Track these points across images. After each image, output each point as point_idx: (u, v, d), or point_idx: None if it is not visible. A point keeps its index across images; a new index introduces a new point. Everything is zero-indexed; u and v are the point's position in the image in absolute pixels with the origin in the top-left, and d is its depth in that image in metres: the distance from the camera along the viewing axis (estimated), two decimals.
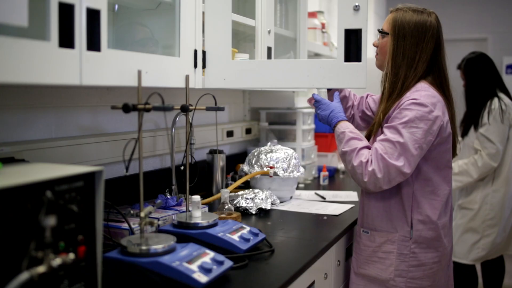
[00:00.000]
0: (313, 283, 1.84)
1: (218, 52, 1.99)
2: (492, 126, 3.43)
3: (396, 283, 2.01)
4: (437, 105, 1.94)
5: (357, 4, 1.80)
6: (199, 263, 1.42)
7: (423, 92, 1.94)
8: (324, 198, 2.73)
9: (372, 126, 2.09)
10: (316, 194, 2.83)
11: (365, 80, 1.83)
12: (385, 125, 1.96)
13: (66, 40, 1.28)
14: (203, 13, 1.97)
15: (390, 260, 2.02)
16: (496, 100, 3.48)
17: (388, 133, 1.92)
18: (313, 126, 3.42)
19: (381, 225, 2.04)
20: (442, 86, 2.03)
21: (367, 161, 1.91)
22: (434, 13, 2.04)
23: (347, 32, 1.83)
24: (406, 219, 2.00)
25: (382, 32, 2.06)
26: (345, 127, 2.03)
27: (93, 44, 1.37)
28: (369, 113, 2.34)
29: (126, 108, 1.42)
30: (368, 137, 2.09)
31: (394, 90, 2.00)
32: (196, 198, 1.76)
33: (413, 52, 1.98)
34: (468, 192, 3.62)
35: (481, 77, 3.55)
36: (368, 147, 1.97)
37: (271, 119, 3.36)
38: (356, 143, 1.97)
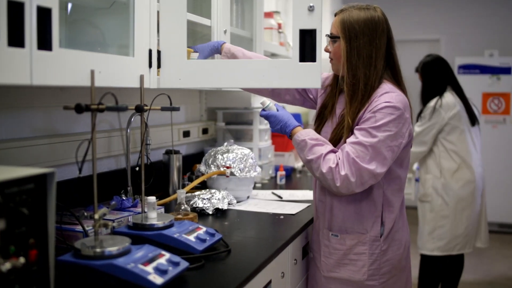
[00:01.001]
0: (269, 282, 1.85)
1: (173, 52, 1.98)
2: (422, 118, 3.73)
3: (370, 282, 2.03)
4: (407, 108, 1.95)
5: (311, 4, 1.81)
6: (155, 264, 1.41)
7: (393, 94, 1.93)
8: (281, 198, 2.74)
9: (339, 129, 2.04)
10: (273, 193, 2.84)
11: (320, 80, 1.84)
12: (357, 127, 1.94)
13: (16, 39, 1.25)
14: (158, 12, 1.96)
15: (363, 261, 2.02)
16: (435, 99, 3.70)
17: (359, 136, 1.90)
18: (269, 126, 3.43)
19: (352, 227, 2.04)
20: (398, 80, 2.04)
21: (336, 165, 1.90)
22: (379, 7, 2.03)
23: (302, 32, 1.84)
24: (377, 219, 2.02)
25: (332, 37, 2.04)
26: (305, 135, 2.00)
27: (44, 43, 1.34)
28: (311, 95, 2.34)
29: (79, 109, 1.40)
30: (337, 140, 2.04)
31: (356, 92, 1.97)
32: (152, 199, 1.74)
33: (368, 50, 1.96)
34: (424, 185, 3.80)
35: (436, 78, 3.73)
36: (333, 151, 1.96)
37: (228, 119, 3.36)
38: (320, 149, 1.95)
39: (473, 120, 3.77)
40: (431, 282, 3.90)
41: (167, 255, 1.49)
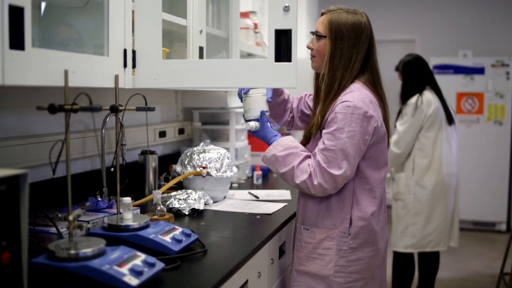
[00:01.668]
0: (246, 282, 1.85)
1: (148, 52, 1.97)
2: (403, 116, 3.76)
3: (335, 279, 2.05)
4: (371, 106, 1.99)
5: (287, 4, 1.81)
6: (130, 266, 1.40)
7: (356, 93, 1.98)
8: (258, 198, 2.74)
9: (310, 128, 2.09)
10: (250, 193, 2.84)
11: (296, 80, 1.85)
12: (323, 131, 1.99)
13: None
14: (133, 11, 1.94)
15: (330, 256, 2.05)
16: (415, 96, 3.75)
17: (326, 141, 1.96)
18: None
19: (322, 222, 2.08)
20: (375, 84, 2.09)
21: (309, 175, 1.97)
22: (365, 13, 2.09)
23: (277, 32, 1.85)
24: (345, 215, 2.05)
25: (318, 35, 2.07)
26: (273, 149, 2.07)
27: (17, 42, 1.33)
28: (307, 112, 2.38)
29: (52, 109, 1.38)
30: (307, 139, 2.11)
31: (330, 91, 2.03)
32: (127, 200, 1.73)
33: (350, 53, 2.02)
34: (397, 184, 3.84)
35: (416, 77, 3.82)
36: (307, 157, 2.01)
37: (204, 119, 3.35)
38: (291, 160, 2.01)
39: (450, 119, 3.83)
40: (404, 280, 3.94)
41: (142, 256, 1.48)
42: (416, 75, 3.83)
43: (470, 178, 6.47)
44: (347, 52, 2.02)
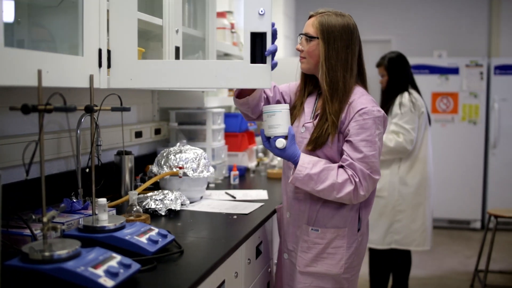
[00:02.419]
0: (223, 282, 1.85)
1: (123, 52, 1.95)
2: (405, 115, 3.71)
3: (344, 275, 2.11)
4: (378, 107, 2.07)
5: (262, 9, 1.83)
6: (105, 267, 1.39)
7: (368, 97, 2.07)
8: (234, 198, 2.74)
9: (325, 128, 2.05)
10: (227, 193, 2.84)
11: (270, 81, 1.88)
12: (355, 138, 1.98)
13: None
14: (108, 11, 1.93)
15: (340, 255, 2.10)
16: (406, 94, 3.76)
17: (364, 149, 1.98)
18: (223, 125, 3.43)
19: (331, 222, 2.11)
20: (365, 85, 2.16)
21: (355, 187, 1.97)
22: (351, 16, 2.15)
23: (253, 35, 1.86)
24: (355, 213, 2.12)
25: (310, 37, 2.09)
26: (304, 168, 1.99)
27: None
28: (281, 101, 2.35)
29: (25, 109, 1.36)
30: (324, 138, 2.05)
31: (336, 91, 2.05)
32: (102, 201, 1.71)
33: (345, 54, 2.06)
34: (380, 180, 3.77)
35: (401, 74, 3.84)
36: (340, 167, 2.01)
37: (180, 119, 3.34)
38: (326, 175, 1.98)
39: (429, 119, 3.88)
40: (383, 277, 3.96)
41: (118, 257, 1.47)
42: (402, 72, 3.86)
43: (445, 177, 6.55)
44: (342, 53, 2.06)
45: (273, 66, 1.94)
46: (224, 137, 3.48)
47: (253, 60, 1.86)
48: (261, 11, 1.82)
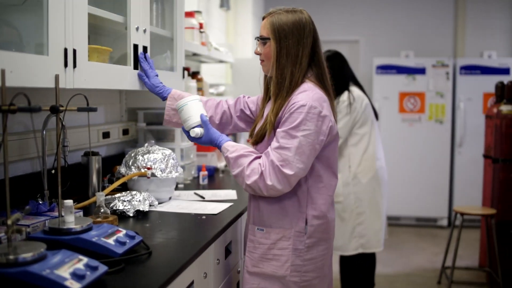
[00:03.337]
0: (192, 283, 1.84)
1: (90, 52, 1.93)
2: (337, 116, 3.66)
3: (291, 278, 2.05)
4: (325, 105, 2.02)
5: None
6: (72, 270, 1.37)
7: (310, 93, 2.00)
8: (203, 198, 2.73)
9: (264, 126, 2.08)
10: (196, 194, 2.83)
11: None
12: (278, 130, 1.99)
13: None
14: (74, 10, 1.90)
15: (286, 256, 2.05)
16: (346, 93, 3.71)
17: (281, 139, 1.96)
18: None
19: (277, 222, 2.07)
20: (322, 77, 2.12)
21: (261, 175, 1.95)
22: (305, 10, 2.12)
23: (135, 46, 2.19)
24: (301, 215, 2.06)
25: (263, 39, 2.10)
26: (226, 150, 2.06)
27: None
28: (247, 112, 2.38)
29: None
30: (261, 138, 2.09)
31: (281, 89, 2.05)
32: (69, 202, 1.69)
33: (296, 50, 2.04)
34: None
35: (341, 73, 3.77)
36: (257, 157, 2.01)
37: (149, 119, 3.31)
38: (242, 161, 2.01)
39: (376, 114, 3.86)
40: (353, 281, 3.95)
41: (84, 259, 1.45)
42: (341, 70, 3.78)
43: (413, 176, 6.64)
44: (293, 49, 2.04)
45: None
46: None
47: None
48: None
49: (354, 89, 3.76)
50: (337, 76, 3.72)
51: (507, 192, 4.38)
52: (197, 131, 2.13)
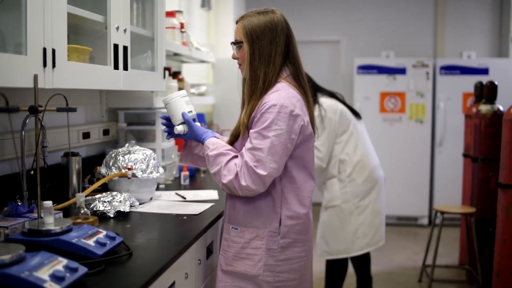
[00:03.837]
0: (173, 283, 1.84)
1: (69, 51, 1.92)
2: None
3: (265, 278, 2.05)
4: (297, 104, 2.02)
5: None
6: (51, 271, 1.36)
7: (282, 93, 2.01)
8: (185, 198, 2.73)
9: (238, 127, 2.10)
10: (177, 194, 2.82)
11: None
12: (251, 130, 2.00)
13: None
14: (53, 10, 1.88)
15: (259, 256, 2.05)
16: (316, 108, 3.60)
17: (253, 140, 1.97)
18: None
19: (251, 221, 2.08)
20: (298, 75, 2.12)
21: (236, 175, 1.96)
22: (277, 10, 2.12)
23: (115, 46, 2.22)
24: (275, 215, 2.06)
25: (236, 43, 2.11)
26: (207, 148, 2.07)
27: None
28: None
29: None
30: (236, 138, 2.11)
31: (255, 90, 2.06)
32: (48, 203, 1.68)
33: (269, 50, 2.05)
34: (329, 190, 3.72)
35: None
36: (235, 157, 2.02)
37: (129, 119, 3.29)
38: (220, 160, 2.01)
39: (356, 114, 3.81)
40: (338, 283, 3.93)
41: (64, 261, 1.44)
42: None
43: (393, 175, 6.68)
44: (266, 49, 2.05)
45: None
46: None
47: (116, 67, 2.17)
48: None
49: (324, 100, 3.67)
50: None
51: (486, 191, 4.42)
52: (179, 129, 2.16)
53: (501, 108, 4.39)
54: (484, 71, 6.69)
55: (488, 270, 4.11)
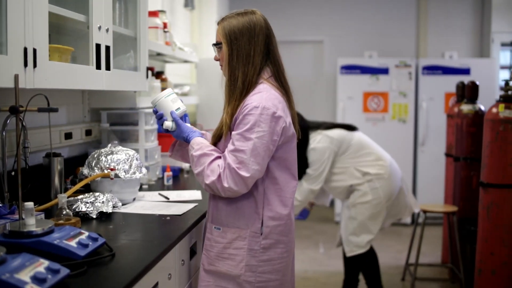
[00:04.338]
0: (156, 284, 1.83)
1: (51, 51, 1.90)
2: (313, 165, 3.80)
3: (246, 278, 2.05)
4: (279, 106, 2.03)
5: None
6: (32, 273, 1.34)
7: (264, 94, 2.02)
8: (168, 199, 2.72)
9: (220, 128, 2.11)
10: (160, 194, 2.81)
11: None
12: (233, 132, 2.01)
13: None
14: (34, 9, 1.87)
15: (241, 256, 2.06)
16: (312, 147, 3.79)
17: (236, 142, 1.98)
18: (156, 126, 3.39)
19: (233, 222, 2.08)
20: (279, 75, 2.13)
21: (219, 176, 1.97)
22: (257, 10, 2.14)
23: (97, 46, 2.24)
24: (257, 216, 2.06)
25: (217, 44, 2.13)
26: (192, 148, 2.08)
27: None
28: None
29: None
30: (218, 138, 2.11)
31: (234, 90, 2.07)
32: (29, 205, 1.66)
33: (247, 49, 2.06)
34: (353, 191, 3.86)
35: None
36: (218, 157, 2.02)
37: (112, 119, 3.28)
38: (204, 160, 2.02)
39: (349, 127, 3.94)
40: (376, 273, 4.05)
41: (46, 262, 1.42)
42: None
43: None
44: (244, 50, 2.06)
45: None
46: (157, 137, 3.44)
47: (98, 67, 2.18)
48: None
49: (316, 137, 3.80)
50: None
51: (468, 190, 4.47)
52: (167, 124, 2.18)
53: (482, 108, 4.43)
54: (466, 71, 6.75)
55: (470, 268, 4.14)
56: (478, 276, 3.63)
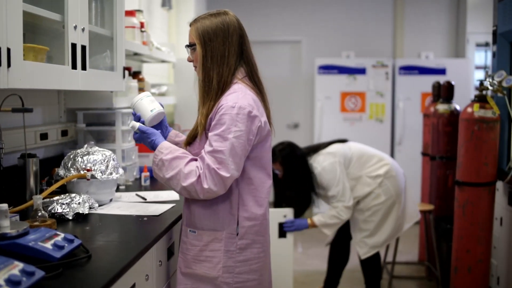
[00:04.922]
0: (133, 285, 1.82)
1: (25, 51, 1.88)
2: (328, 186, 3.77)
3: (224, 279, 2.05)
4: (254, 106, 2.03)
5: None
6: (6, 276, 1.33)
7: (240, 94, 2.02)
8: (145, 199, 2.70)
9: (195, 129, 2.10)
10: (137, 195, 2.79)
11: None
12: (210, 133, 2.00)
13: None
14: (8, 8, 1.84)
15: (218, 258, 2.05)
16: (318, 171, 3.78)
17: (214, 143, 1.96)
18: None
19: (208, 224, 2.07)
20: (252, 74, 2.14)
21: (198, 178, 1.95)
22: (230, 11, 2.14)
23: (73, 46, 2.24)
24: (232, 216, 2.06)
25: (190, 45, 2.12)
26: (160, 152, 2.04)
27: None
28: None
29: None
30: (193, 139, 2.10)
31: (209, 91, 2.06)
32: (3, 206, 1.64)
33: (221, 50, 2.06)
34: (366, 196, 3.85)
35: (299, 164, 3.80)
36: (192, 159, 2.01)
37: (89, 120, 3.25)
38: (177, 163, 2.00)
39: (342, 141, 4.01)
40: (380, 274, 4.09)
41: (20, 265, 1.41)
42: (298, 162, 3.80)
43: None
44: (218, 50, 2.06)
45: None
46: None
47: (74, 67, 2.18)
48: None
49: (319, 159, 3.80)
50: (299, 169, 3.78)
51: (444, 189, 4.51)
52: (132, 125, 2.18)
53: (457, 107, 4.48)
54: (442, 71, 6.83)
55: (446, 266, 4.19)
56: (454, 274, 3.68)
